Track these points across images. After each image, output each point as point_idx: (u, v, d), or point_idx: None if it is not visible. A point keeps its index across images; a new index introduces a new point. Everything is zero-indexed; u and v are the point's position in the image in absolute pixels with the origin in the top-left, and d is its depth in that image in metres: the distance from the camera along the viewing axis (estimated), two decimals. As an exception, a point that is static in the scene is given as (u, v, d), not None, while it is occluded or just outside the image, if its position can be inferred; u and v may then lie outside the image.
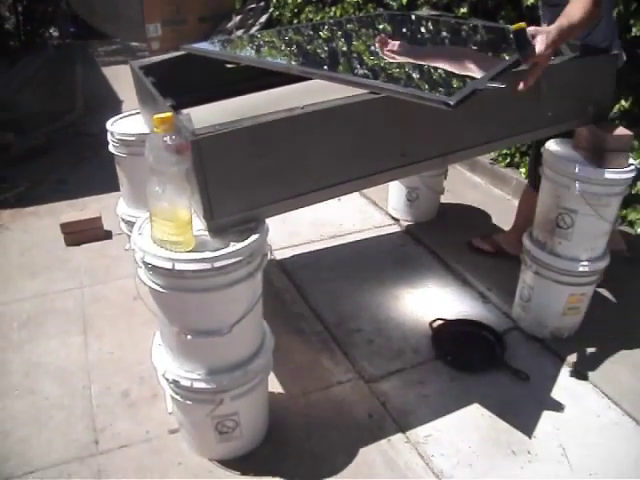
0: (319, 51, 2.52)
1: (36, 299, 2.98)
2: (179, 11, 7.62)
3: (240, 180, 1.67)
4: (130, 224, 2.79)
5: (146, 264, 1.65)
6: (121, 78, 6.68)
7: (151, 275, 1.68)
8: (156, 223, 1.64)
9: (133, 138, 2.56)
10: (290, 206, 1.81)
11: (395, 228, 3.72)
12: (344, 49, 2.52)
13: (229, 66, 2.63)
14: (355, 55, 2.41)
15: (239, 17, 7.48)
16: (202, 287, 1.65)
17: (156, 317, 1.81)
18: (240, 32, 7.19)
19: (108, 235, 3.50)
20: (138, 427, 2.24)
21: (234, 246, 1.65)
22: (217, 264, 1.61)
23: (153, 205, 1.62)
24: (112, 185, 3.97)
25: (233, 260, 1.63)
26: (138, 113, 2.75)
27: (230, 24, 7.42)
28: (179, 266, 1.60)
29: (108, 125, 2.65)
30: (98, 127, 5.01)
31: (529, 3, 3.53)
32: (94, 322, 2.79)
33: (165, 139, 1.52)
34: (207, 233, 1.71)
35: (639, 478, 2.06)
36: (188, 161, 1.55)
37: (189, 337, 1.74)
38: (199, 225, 1.72)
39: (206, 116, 1.78)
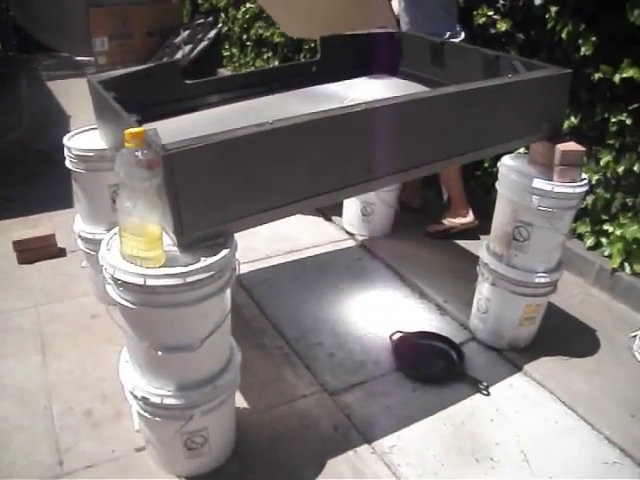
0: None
1: (-10, 319, 2.89)
2: (125, 25, 7.55)
3: (210, 195, 1.68)
4: (87, 241, 2.77)
5: (116, 280, 1.64)
6: (68, 93, 6.58)
7: (121, 291, 1.66)
8: (126, 239, 1.63)
9: (91, 154, 2.55)
10: (259, 220, 1.83)
11: (351, 243, 3.76)
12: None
13: (188, 82, 2.66)
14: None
15: (187, 32, 7.45)
16: (173, 302, 1.65)
17: (125, 333, 1.79)
18: (188, 47, 7.17)
19: (62, 253, 3.43)
20: (103, 446, 2.19)
21: (205, 261, 1.65)
22: (189, 279, 1.61)
23: (123, 220, 1.61)
24: (64, 202, 3.97)
25: (205, 275, 1.64)
26: (94, 128, 2.72)
27: (178, 39, 7.39)
28: (151, 282, 1.59)
29: (65, 140, 2.62)
30: (46, 143, 4.98)
31: (480, 22, 3.64)
32: (52, 341, 2.72)
33: (137, 154, 1.51)
34: (176, 249, 1.71)
35: (595, 479, 2.14)
36: (159, 176, 1.55)
37: (160, 353, 1.73)
38: (168, 241, 1.71)
39: (172, 131, 1.78)
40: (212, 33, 7.18)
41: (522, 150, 2.69)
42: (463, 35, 3.35)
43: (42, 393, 2.44)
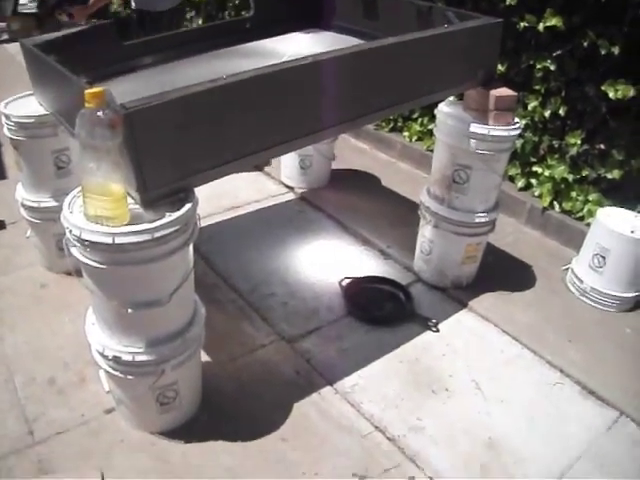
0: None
1: None
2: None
3: (170, 152, 1.69)
4: (32, 209, 2.73)
5: (83, 241, 1.65)
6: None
7: (88, 252, 1.67)
8: (90, 199, 1.64)
9: (32, 120, 2.49)
10: (217, 174, 1.86)
11: (291, 196, 3.83)
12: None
13: (126, 43, 2.63)
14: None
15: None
16: (142, 259, 1.67)
17: (92, 294, 1.81)
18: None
19: (1, 225, 3.34)
20: (72, 412, 2.20)
21: (170, 216, 1.68)
22: (156, 234, 1.64)
23: (87, 181, 1.62)
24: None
25: (171, 230, 1.67)
26: (29, 95, 2.65)
27: None
28: (119, 239, 1.61)
29: (1, 108, 2.55)
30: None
31: None
32: (3, 315, 2.67)
33: (98, 114, 1.52)
34: (139, 206, 1.73)
35: (542, 399, 2.33)
36: (121, 135, 1.57)
37: (130, 310, 1.76)
38: (130, 199, 1.73)
39: (120, 92, 1.78)
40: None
41: (452, 98, 2.80)
42: None
43: (1, 367, 2.40)
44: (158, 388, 1.96)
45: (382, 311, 2.78)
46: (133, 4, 3.89)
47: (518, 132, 2.52)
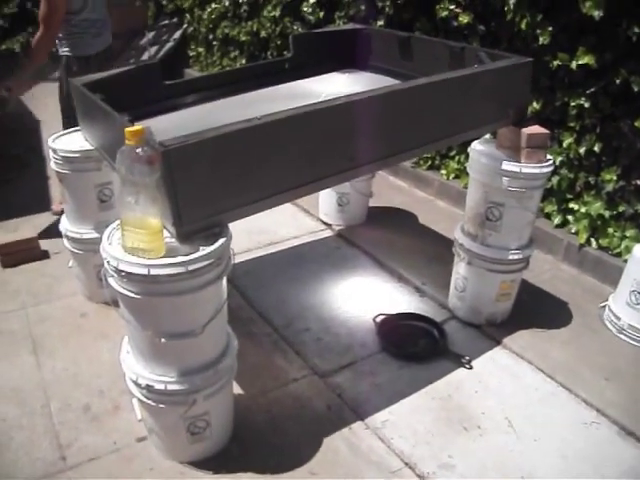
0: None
1: (-23, 323, 2.92)
2: (90, 28, 7.51)
3: (205, 188, 1.76)
4: (74, 240, 2.82)
5: (119, 272, 1.71)
6: (36, 98, 6.53)
7: (125, 282, 1.74)
8: (128, 232, 1.71)
9: (77, 155, 2.60)
10: (251, 210, 1.91)
11: (328, 233, 3.86)
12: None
13: (168, 82, 2.73)
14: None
15: (152, 33, 7.46)
16: (176, 290, 1.73)
17: (127, 324, 1.87)
18: (154, 49, 7.19)
19: (45, 255, 3.46)
20: (105, 439, 2.26)
21: (204, 250, 1.74)
22: (190, 267, 1.69)
23: (125, 215, 1.69)
24: (42, 205, 4.00)
25: (205, 263, 1.72)
26: (77, 130, 2.77)
27: (144, 40, 7.39)
28: (154, 271, 1.67)
29: (50, 142, 2.67)
30: (19, 148, 4.99)
31: (443, 15, 3.77)
32: (43, 341, 2.77)
33: (137, 151, 1.59)
34: (174, 240, 1.79)
35: (577, 439, 2.28)
36: (159, 171, 1.63)
37: (163, 340, 1.81)
38: (166, 233, 1.80)
39: (161, 129, 1.86)
40: (177, 34, 7.20)
41: (488, 136, 2.82)
42: None
43: (38, 392, 2.49)
44: (189, 418, 1.99)
45: (416, 348, 2.78)
46: (61, 50, 3.61)
47: (550, 169, 2.53)
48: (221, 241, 1.78)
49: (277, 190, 1.93)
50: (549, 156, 2.58)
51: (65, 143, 2.67)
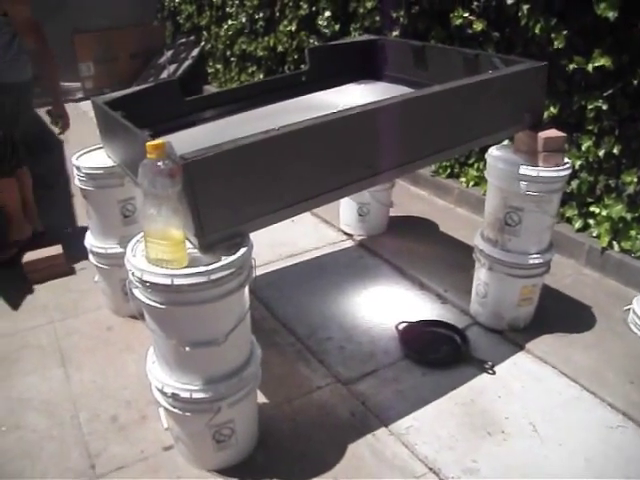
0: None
1: (6, 338, 2.97)
2: (110, 49, 7.67)
3: (226, 199, 1.80)
4: (99, 255, 2.88)
5: (144, 282, 1.75)
6: (57, 119, 6.67)
7: (149, 293, 1.78)
8: (151, 243, 1.75)
9: (101, 171, 2.66)
10: (271, 220, 1.95)
11: (349, 243, 3.89)
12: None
13: (187, 99, 2.79)
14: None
15: (171, 52, 7.59)
16: (199, 300, 1.77)
17: (152, 334, 1.91)
18: (173, 67, 7.30)
19: (71, 271, 3.53)
20: (132, 448, 2.30)
21: (226, 259, 1.78)
22: (213, 277, 1.73)
23: (148, 227, 1.73)
24: (67, 222, 4.07)
25: (227, 272, 1.76)
26: (98, 148, 2.84)
27: (162, 59, 7.52)
28: (178, 281, 1.71)
29: (73, 160, 2.74)
30: (44, 167, 5.08)
31: (457, 23, 3.80)
32: (71, 354, 2.83)
33: (159, 164, 1.64)
34: (197, 250, 1.83)
35: (601, 443, 2.27)
36: (180, 183, 1.68)
37: (187, 349, 1.84)
38: (188, 244, 1.83)
39: (182, 143, 1.90)
40: (195, 51, 7.32)
41: (506, 142, 2.83)
42: None
43: (67, 403, 2.54)
44: (214, 426, 2.02)
45: (438, 354, 2.78)
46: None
47: (568, 173, 2.53)
48: (242, 251, 1.82)
49: (296, 199, 1.96)
50: (567, 159, 2.58)
51: (88, 160, 2.73)
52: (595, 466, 2.18)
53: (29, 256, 3.44)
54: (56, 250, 3.50)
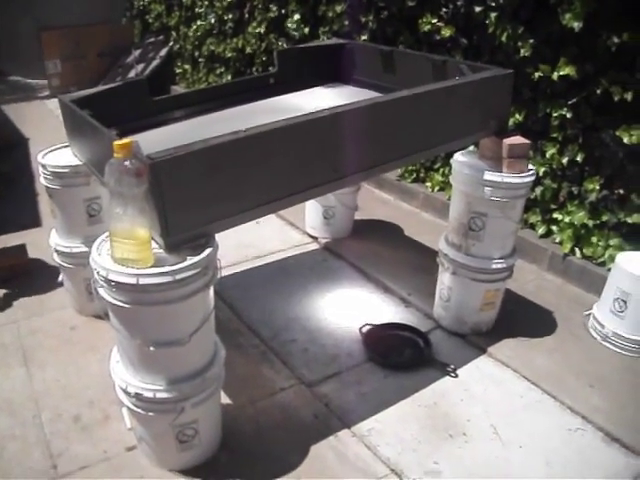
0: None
1: (-32, 337, 2.94)
2: (77, 47, 7.56)
3: (192, 199, 1.80)
4: (64, 255, 2.85)
5: (109, 282, 1.75)
6: (23, 116, 6.58)
7: (114, 292, 1.77)
8: (117, 243, 1.75)
9: (66, 170, 2.64)
10: (237, 221, 1.96)
11: (314, 246, 3.91)
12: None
13: (155, 98, 2.78)
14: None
15: (139, 51, 7.51)
16: (164, 299, 1.77)
17: (117, 333, 1.90)
18: (140, 66, 7.24)
19: (36, 269, 3.48)
20: (95, 448, 2.28)
21: (192, 259, 1.78)
22: (178, 276, 1.73)
23: (114, 226, 1.73)
24: (32, 221, 4.02)
25: (192, 272, 1.77)
26: (65, 147, 2.81)
27: (130, 58, 7.44)
28: (143, 280, 1.71)
29: (39, 158, 2.70)
30: (9, 165, 5.01)
31: (426, 29, 3.85)
32: (34, 353, 2.79)
33: (125, 163, 1.63)
34: (162, 250, 1.83)
35: (562, 446, 2.32)
36: (146, 183, 1.67)
37: (152, 348, 1.84)
38: (154, 244, 1.83)
39: (148, 143, 1.90)
40: (164, 51, 7.26)
41: (472, 147, 2.87)
42: None
43: (29, 403, 2.51)
44: (178, 426, 2.02)
45: (401, 357, 2.81)
46: None
47: (532, 179, 2.58)
48: (207, 251, 1.82)
49: (262, 201, 1.97)
50: (531, 166, 2.64)
51: (54, 159, 2.70)
52: (555, 468, 2.22)
53: (-8, 254, 3.39)
54: (20, 248, 3.45)
